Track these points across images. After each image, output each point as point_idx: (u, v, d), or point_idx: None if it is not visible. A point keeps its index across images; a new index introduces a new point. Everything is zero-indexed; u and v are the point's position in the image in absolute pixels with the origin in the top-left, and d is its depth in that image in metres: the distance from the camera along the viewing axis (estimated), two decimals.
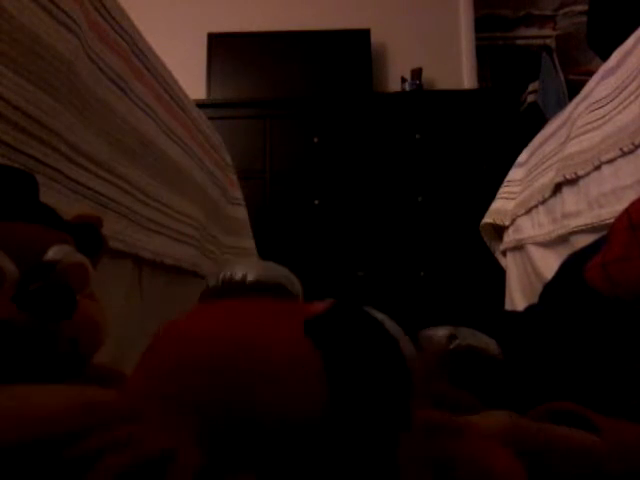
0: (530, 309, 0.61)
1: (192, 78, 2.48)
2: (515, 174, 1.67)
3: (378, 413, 0.21)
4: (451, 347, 0.39)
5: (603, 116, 0.96)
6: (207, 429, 0.20)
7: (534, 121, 2.69)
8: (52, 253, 0.36)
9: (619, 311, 0.45)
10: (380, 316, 0.24)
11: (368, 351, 0.22)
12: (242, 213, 1.64)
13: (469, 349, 0.38)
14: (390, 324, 0.24)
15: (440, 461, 0.26)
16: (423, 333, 0.41)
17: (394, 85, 2.78)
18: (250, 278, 0.27)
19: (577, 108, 1.14)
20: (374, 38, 2.73)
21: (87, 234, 0.44)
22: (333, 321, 0.23)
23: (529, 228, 1.41)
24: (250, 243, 1.66)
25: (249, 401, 0.20)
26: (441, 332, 0.39)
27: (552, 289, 0.61)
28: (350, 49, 2.70)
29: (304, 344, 0.22)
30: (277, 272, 0.28)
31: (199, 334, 0.23)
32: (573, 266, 0.56)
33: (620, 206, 0.87)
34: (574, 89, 1.51)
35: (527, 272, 1.44)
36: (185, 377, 0.21)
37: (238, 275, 0.27)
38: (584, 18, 2.79)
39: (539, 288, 1.39)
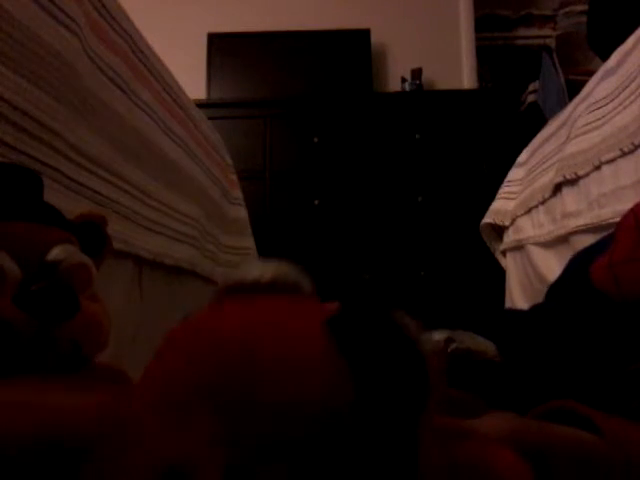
0: (535, 309, 0.61)
1: (192, 78, 2.48)
2: (515, 174, 1.67)
3: (401, 409, 0.21)
4: (449, 350, 0.39)
5: (603, 116, 0.96)
6: (229, 425, 0.20)
7: (534, 121, 2.69)
8: (55, 253, 0.36)
9: (625, 312, 0.45)
10: (398, 314, 0.24)
11: (390, 349, 0.22)
12: (242, 213, 1.64)
13: (467, 352, 0.38)
14: (409, 322, 0.24)
15: (450, 466, 0.26)
16: None
17: (394, 85, 2.78)
18: (266, 277, 0.26)
19: (577, 108, 1.14)
20: (374, 38, 2.73)
21: (91, 233, 0.44)
22: (353, 318, 0.23)
23: (529, 228, 1.41)
24: (250, 243, 1.66)
25: (273, 394, 0.20)
26: (438, 336, 0.39)
27: (558, 289, 0.60)
28: (350, 49, 2.70)
29: (326, 338, 0.22)
30: (292, 271, 0.27)
31: (217, 328, 0.22)
32: (579, 266, 0.56)
33: (620, 206, 0.87)
34: (574, 89, 1.51)
35: (527, 272, 1.44)
36: (202, 373, 0.21)
37: (253, 275, 0.26)
38: (584, 18, 2.78)
39: (539, 288, 1.39)
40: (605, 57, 1.04)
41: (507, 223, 1.62)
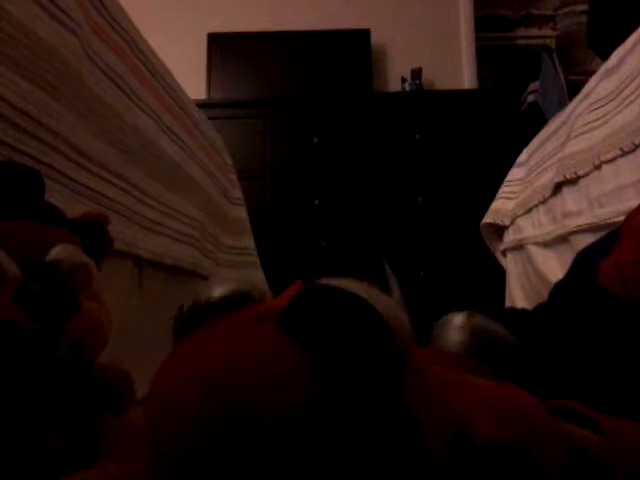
0: (539, 309, 0.61)
1: (192, 78, 2.48)
2: (515, 174, 1.67)
3: (369, 391, 0.21)
4: (471, 323, 0.38)
5: (603, 115, 0.96)
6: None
7: (534, 121, 2.69)
8: (55, 253, 0.36)
9: (632, 314, 0.44)
10: (359, 288, 0.23)
11: (346, 332, 0.21)
12: (242, 213, 1.64)
13: (485, 330, 0.38)
14: (371, 294, 0.22)
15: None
16: (439, 322, 0.40)
17: (394, 85, 2.78)
18: (214, 298, 0.27)
19: (577, 108, 1.14)
20: (374, 38, 2.73)
21: (93, 233, 0.43)
22: (303, 309, 0.22)
23: (529, 228, 1.41)
24: (250, 243, 1.66)
25: (253, 410, 0.20)
26: (459, 314, 0.39)
27: (562, 289, 0.60)
28: (350, 49, 2.70)
29: (282, 345, 0.21)
30: (238, 283, 0.28)
31: (182, 389, 0.22)
32: (584, 266, 0.55)
33: (621, 205, 0.87)
34: (574, 89, 1.51)
35: (527, 272, 1.44)
36: (184, 435, 0.20)
37: (202, 299, 0.28)
38: (584, 18, 2.79)
39: (539, 288, 1.39)
40: (605, 57, 1.04)
41: (507, 223, 1.62)
